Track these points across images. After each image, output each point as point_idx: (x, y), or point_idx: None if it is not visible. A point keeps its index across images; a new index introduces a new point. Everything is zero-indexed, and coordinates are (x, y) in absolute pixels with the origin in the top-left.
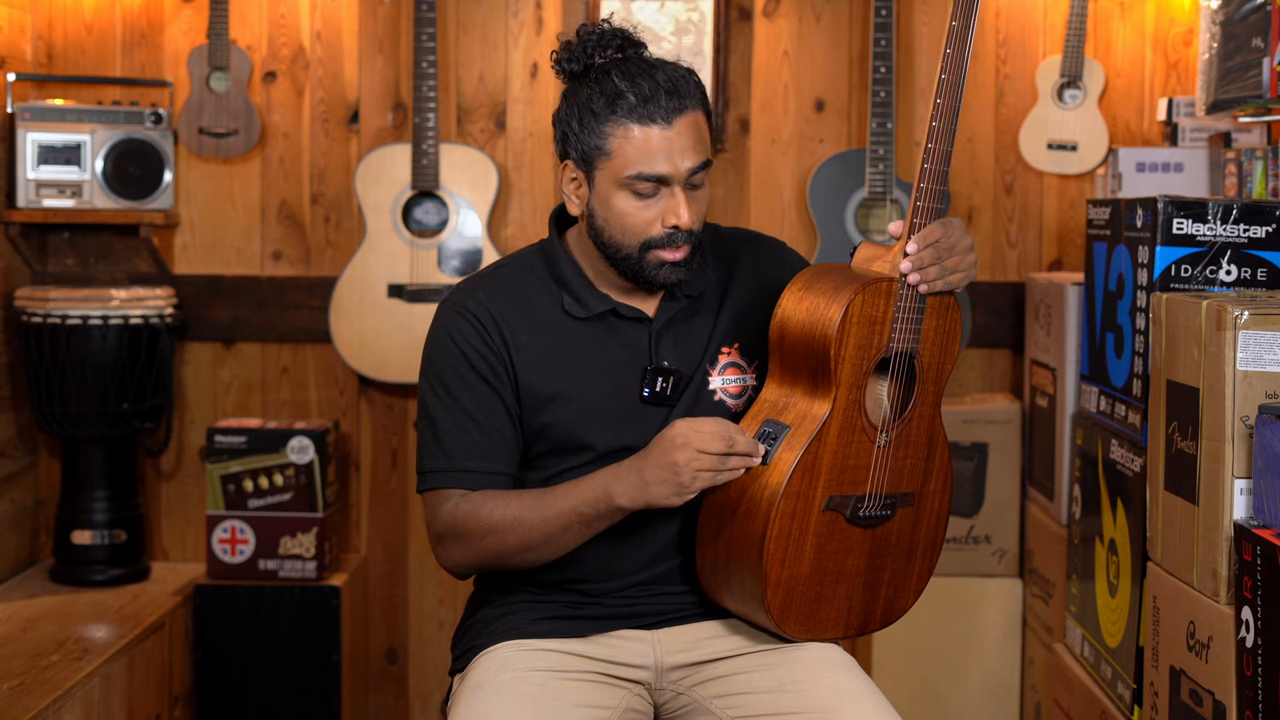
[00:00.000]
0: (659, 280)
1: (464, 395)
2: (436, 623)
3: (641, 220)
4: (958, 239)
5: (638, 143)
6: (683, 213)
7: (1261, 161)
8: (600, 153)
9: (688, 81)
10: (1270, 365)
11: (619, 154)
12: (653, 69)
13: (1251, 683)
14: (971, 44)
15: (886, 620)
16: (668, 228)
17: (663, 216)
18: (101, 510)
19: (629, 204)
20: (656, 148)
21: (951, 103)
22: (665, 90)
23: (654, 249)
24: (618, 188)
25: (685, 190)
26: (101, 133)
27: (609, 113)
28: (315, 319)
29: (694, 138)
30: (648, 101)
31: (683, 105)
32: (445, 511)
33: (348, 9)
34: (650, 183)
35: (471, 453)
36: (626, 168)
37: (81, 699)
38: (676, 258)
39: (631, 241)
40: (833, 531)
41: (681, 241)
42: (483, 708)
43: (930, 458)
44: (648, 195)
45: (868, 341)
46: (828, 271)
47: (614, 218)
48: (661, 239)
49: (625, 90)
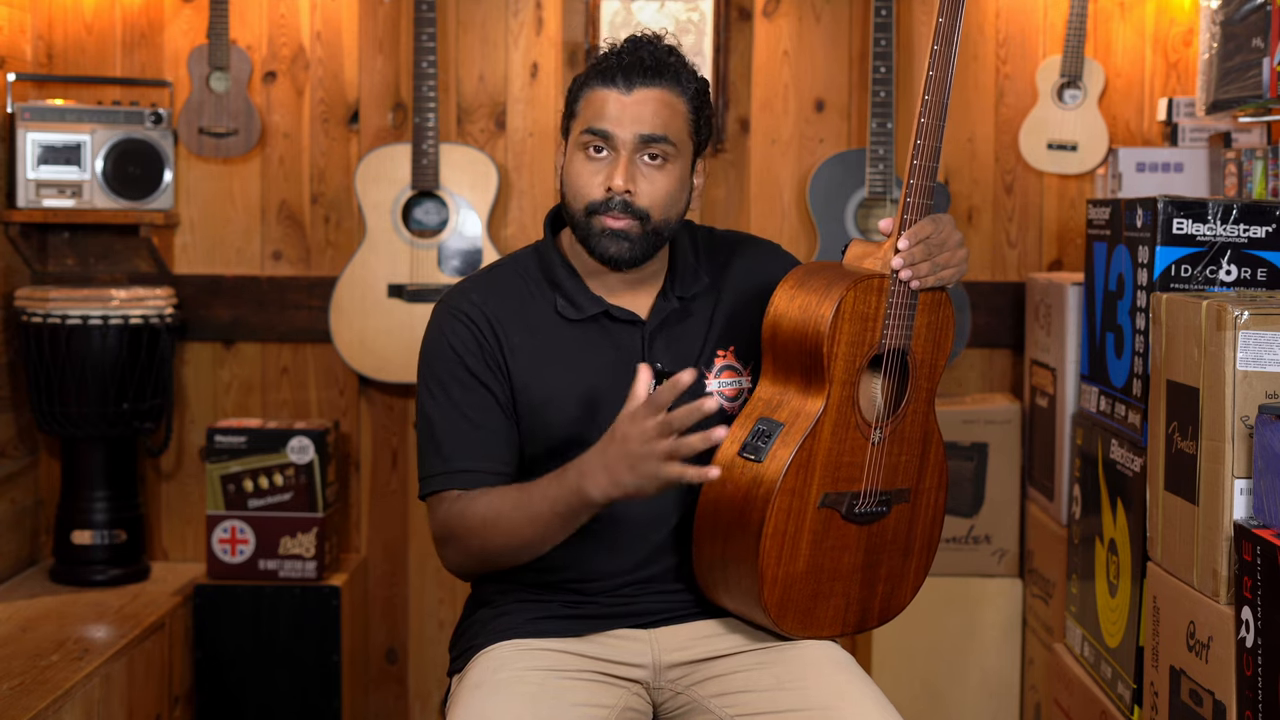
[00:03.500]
0: (600, 251)
1: (459, 396)
2: (436, 623)
3: (587, 182)
4: (948, 234)
5: (595, 100)
6: (617, 176)
7: (1261, 161)
8: (572, 115)
9: (668, 62)
10: (1270, 365)
11: (581, 113)
12: (640, 45)
13: (1251, 683)
14: (959, 41)
15: (884, 617)
16: (605, 190)
17: (607, 179)
18: (101, 510)
19: (581, 164)
20: (609, 108)
21: (939, 99)
22: (640, 63)
23: (595, 213)
24: (576, 148)
25: (631, 158)
26: (101, 133)
27: (586, 78)
28: (315, 319)
29: (654, 110)
30: (616, 68)
31: (651, 80)
32: (440, 513)
33: (348, 9)
34: (597, 137)
35: (467, 453)
36: (583, 125)
37: (81, 699)
38: (616, 226)
39: (578, 204)
40: (828, 528)
41: (619, 209)
42: (481, 708)
43: (925, 454)
44: (598, 158)
45: (860, 338)
46: (819, 269)
47: (568, 179)
48: (601, 203)
49: (607, 57)
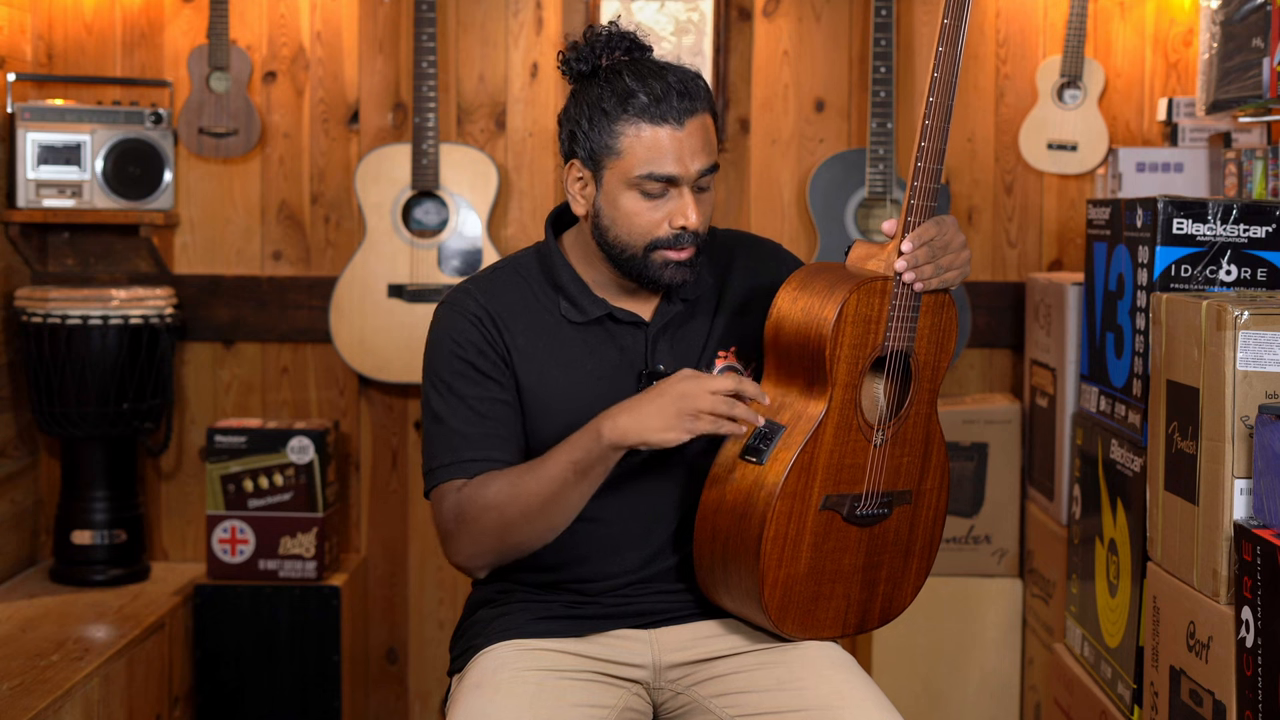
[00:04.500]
0: (663, 280)
1: (465, 390)
2: (436, 623)
3: (649, 220)
4: (951, 236)
5: (649, 143)
6: (691, 214)
7: (1261, 161)
8: (610, 152)
9: (697, 84)
10: (1270, 365)
11: (629, 153)
12: (664, 70)
13: (1251, 683)
14: (964, 42)
15: (885, 618)
16: (675, 229)
17: (670, 217)
18: (101, 510)
19: (637, 204)
20: (667, 148)
21: (945, 101)
22: (677, 91)
23: (659, 249)
24: (627, 187)
25: (693, 192)
26: (101, 133)
27: (620, 112)
28: (315, 319)
29: (703, 140)
30: (660, 102)
31: (694, 107)
32: (449, 502)
33: (348, 9)
34: (660, 183)
35: (474, 444)
36: (636, 167)
37: (81, 699)
38: (682, 258)
39: (638, 242)
40: (830, 530)
41: (687, 243)
42: (481, 707)
43: (927, 455)
44: (656, 195)
45: (863, 340)
46: (822, 271)
47: (621, 217)
48: (668, 240)
49: (637, 90)
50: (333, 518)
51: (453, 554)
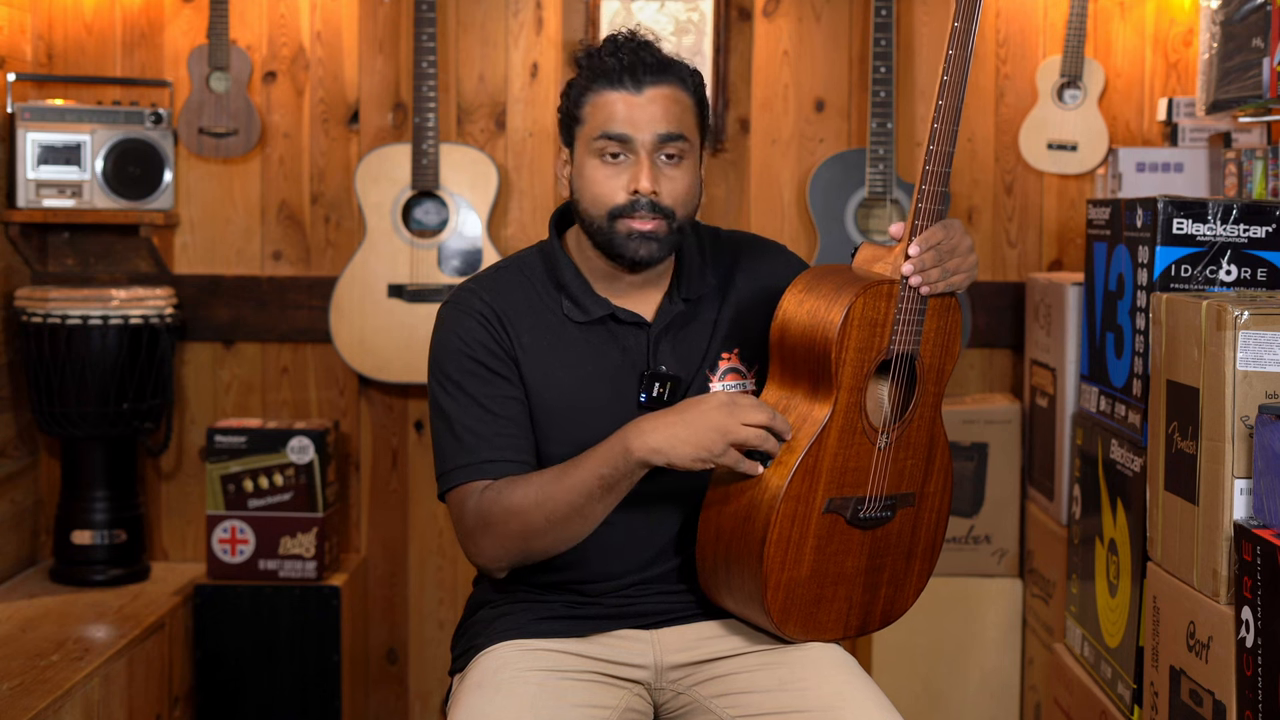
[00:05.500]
0: (629, 253)
1: (476, 389)
2: (436, 623)
3: (609, 187)
4: (959, 240)
5: (604, 104)
6: (644, 178)
7: (1261, 161)
8: (577, 121)
9: (677, 64)
10: (1270, 365)
11: (590, 119)
12: (643, 48)
13: (1251, 683)
14: (974, 46)
15: (886, 620)
16: (630, 194)
17: (627, 184)
18: (101, 510)
19: (597, 170)
20: (620, 110)
21: (954, 104)
22: (645, 63)
23: (621, 217)
24: (589, 155)
25: (654, 161)
26: (101, 133)
27: (588, 82)
28: (315, 319)
29: (665, 108)
30: (622, 69)
31: (659, 79)
32: (471, 504)
33: (348, 9)
34: (614, 142)
35: (491, 444)
36: (594, 131)
37: (81, 699)
38: (645, 229)
39: (600, 210)
40: (833, 533)
41: (646, 210)
42: (482, 707)
43: (931, 459)
44: (615, 161)
45: (869, 344)
46: (829, 273)
47: (585, 186)
48: (626, 206)
49: (608, 61)
50: (333, 518)
51: (475, 554)
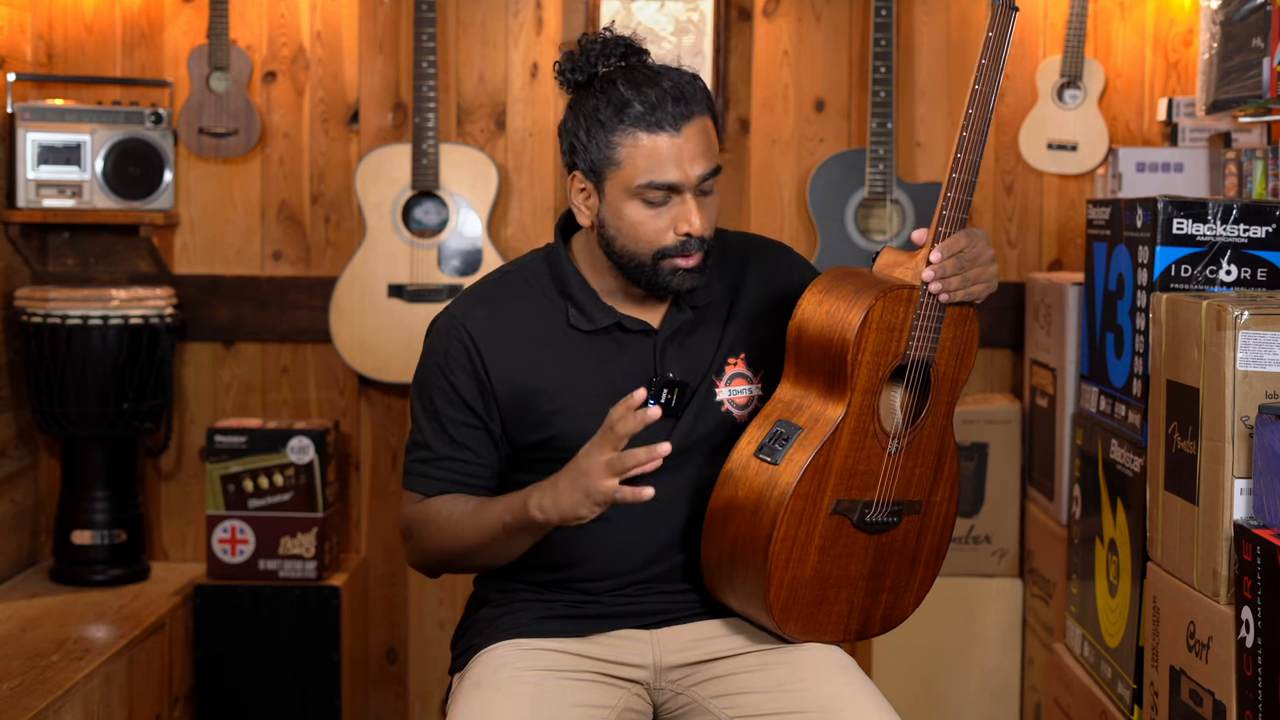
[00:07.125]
0: (672, 287)
1: (443, 408)
2: (436, 623)
3: (654, 229)
4: (981, 250)
5: (647, 151)
6: (694, 220)
7: (1261, 161)
8: (609, 163)
9: (694, 87)
10: (1270, 365)
11: (628, 163)
12: (658, 76)
13: (1251, 683)
14: (1007, 56)
15: (886, 626)
16: (680, 235)
17: (674, 224)
18: (101, 510)
19: (640, 213)
20: (666, 156)
21: (983, 113)
22: (672, 97)
23: (667, 257)
24: (628, 197)
25: (696, 197)
26: (101, 133)
27: (616, 122)
28: (315, 319)
29: (703, 144)
30: (655, 109)
31: (690, 111)
32: (405, 510)
33: (348, 9)
34: (661, 191)
35: (439, 464)
36: (637, 177)
37: (81, 699)
38: (690, 264)
39: (644, 250)
40: (838, 535)
41: (694, 249)
42: (481, 707)
43: (940, 467)
44: (659, 204)
45: (885, 348)
46: (849, 275)
47: (625, 227)
48: (674, 247)
49: (632, 99)
50: (333, 518)
51: (406, 555)
